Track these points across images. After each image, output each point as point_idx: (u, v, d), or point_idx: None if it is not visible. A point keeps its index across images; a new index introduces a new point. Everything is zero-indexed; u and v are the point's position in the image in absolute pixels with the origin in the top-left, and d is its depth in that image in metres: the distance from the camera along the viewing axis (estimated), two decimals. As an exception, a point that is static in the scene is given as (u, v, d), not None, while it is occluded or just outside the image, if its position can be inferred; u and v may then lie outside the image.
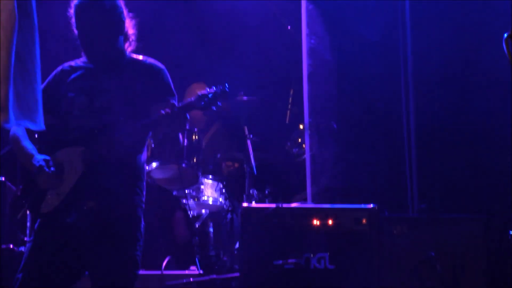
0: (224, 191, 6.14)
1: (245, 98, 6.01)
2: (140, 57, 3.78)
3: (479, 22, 5.29)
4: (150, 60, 3.75)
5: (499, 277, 4.45)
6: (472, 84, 5.26)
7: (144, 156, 3.65)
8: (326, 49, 5.51)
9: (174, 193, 6.09)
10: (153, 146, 5.61)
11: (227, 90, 3.45)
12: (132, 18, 3.75)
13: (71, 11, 3.69)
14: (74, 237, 3.53)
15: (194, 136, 6.08)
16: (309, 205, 4.78)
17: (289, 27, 6.09)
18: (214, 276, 5.15)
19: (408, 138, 5.31)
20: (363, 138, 5.45)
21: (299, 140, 6.27)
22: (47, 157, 3.57)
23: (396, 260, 4.36)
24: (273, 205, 4.28)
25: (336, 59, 5.53)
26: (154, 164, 5.91)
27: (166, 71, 3.71)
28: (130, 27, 3.77)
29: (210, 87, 3.55)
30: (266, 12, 6.65)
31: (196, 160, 5.99)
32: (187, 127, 5.89)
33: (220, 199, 6.16)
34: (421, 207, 4.88)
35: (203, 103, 3.41)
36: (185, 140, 5.94)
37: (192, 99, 3.42)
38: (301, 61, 5.48)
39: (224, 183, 6.17)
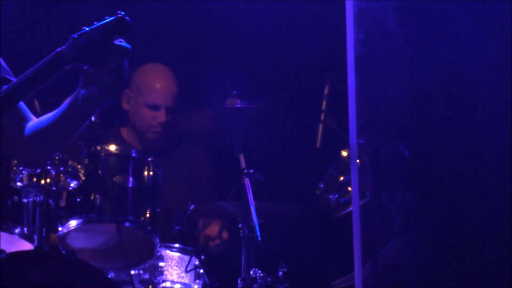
0: (202, 272, 5.06)
1: (240, 104, 5.06)
2: None
3: None
4: None
5: None
6: None
7: None
8: (389, 12, 4.55)
9: (110, 276, 4.90)
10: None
11: (126, 18, 2.63)
12: None
13: None
14: None
15: (146, 171, 4.83)
16: (360, 298, 4.00)
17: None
18: None
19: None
20: (460, 177, 4.46)
21: (340, 178, 5.19)
22: None
23: None
24: (292, 298, 3.90)
25: (410, 32, 4.51)
26: (72, 223, 4.69)
27: None
28: None
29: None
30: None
31: (150, 215, 4.86)
32: (134, 154, 4.78)
33: (195, 287, 5.11)
34: None
35: (82, 40, 2.59)
36: (130, 179, 4.77)
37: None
38: (343, 36, 4.27)
39: (203, 257, 5.11)
